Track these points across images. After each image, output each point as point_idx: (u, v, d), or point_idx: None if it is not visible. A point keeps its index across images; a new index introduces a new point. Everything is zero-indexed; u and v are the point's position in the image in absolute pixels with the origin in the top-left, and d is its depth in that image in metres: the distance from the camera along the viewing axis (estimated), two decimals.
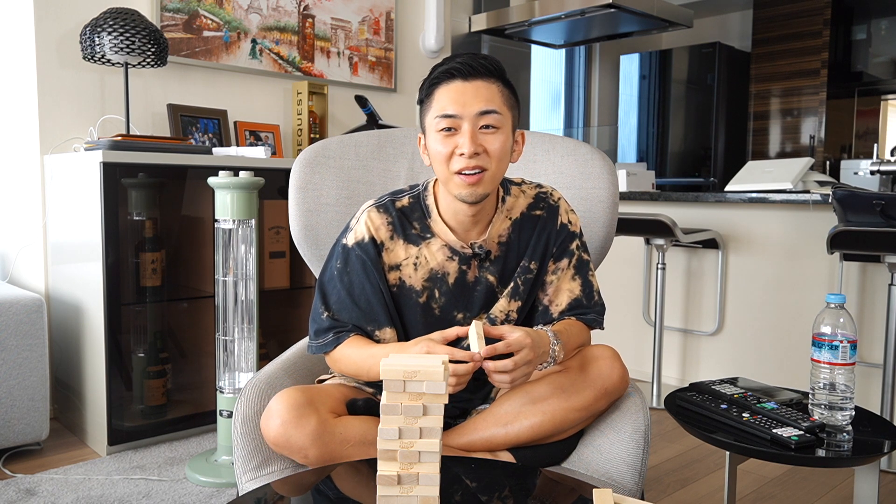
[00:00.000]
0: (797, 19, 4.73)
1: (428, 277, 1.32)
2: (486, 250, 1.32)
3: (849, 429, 1.38)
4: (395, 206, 1.33)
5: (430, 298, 1.32)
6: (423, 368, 0.91)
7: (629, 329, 3.38)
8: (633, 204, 3.27)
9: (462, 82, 1.21)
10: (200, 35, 2.89)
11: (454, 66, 1.22)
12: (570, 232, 1.37)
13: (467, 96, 1.21)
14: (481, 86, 1.21)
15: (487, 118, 1.21)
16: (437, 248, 1.32)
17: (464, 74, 1.21)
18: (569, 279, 1.36)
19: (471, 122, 1.21)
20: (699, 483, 2.17)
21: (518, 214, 1.36)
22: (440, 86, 1.23)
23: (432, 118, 1.24)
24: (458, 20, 4.02)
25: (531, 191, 1.39)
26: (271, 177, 2.60)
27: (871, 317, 2.65)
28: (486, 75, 1.22)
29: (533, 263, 1.35)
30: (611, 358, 1.28)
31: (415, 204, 1.34)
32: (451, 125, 1.21)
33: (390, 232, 1.31)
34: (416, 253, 1.31)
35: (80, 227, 2.34)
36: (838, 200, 2.20)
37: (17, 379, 2.19)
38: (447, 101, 1.21)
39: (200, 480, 2.07)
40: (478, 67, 1.21)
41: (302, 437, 1.16)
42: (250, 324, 2.17)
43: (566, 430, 1.27)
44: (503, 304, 1.34)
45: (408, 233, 1.32)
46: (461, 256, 1.32)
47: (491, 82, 1.22)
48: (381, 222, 1.31)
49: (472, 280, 1.33)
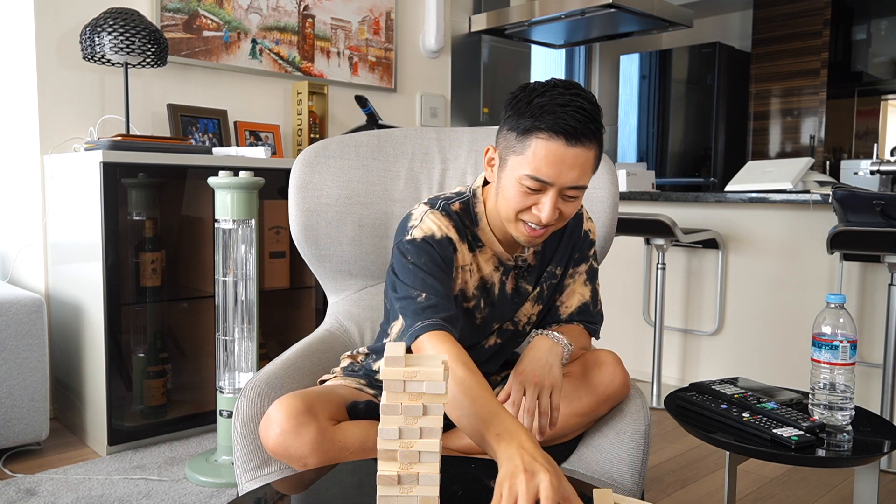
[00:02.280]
0: (797, 19, 4.73)
1: (478, 286, 1.30)
2: (527, 263, 1.33)
3: (849, 429, 1.38)
4: (452, 209, 1.27)
5: (475, 308, 1.30)
6: (423, 368, 0.91)
7: (629, 329, 3.38)
8: (633, 204, 3.27)
9: (564, 146, 1.12)
10: (200, 35, 2.89)
11: (562, 126, 1.11)
12: (590, 240, 1.40)
13: (565, 165, 1.13)
14: (580, 155, 1.13)
15: (574, 190, 1.17)
16: (488, 257, 1.30)
17: (568, 136, 1.12)
18: (581, 284, 1.38)
19: (557, 190, 1.15)
20: (699, 483, 2.16)
21: None
22: (540, 137, 1.13)
23: (521, 167, 1.15)
24: (458, 20, 4.02)
25: None
26: (271, 177, 2.60)
27: (871, 317, 2.65)
28: (588, 141, 1.14)
29: (559, 269, 1.36)
30: (613, 364, 1.29)
31: (465, 210, 1.29)
32: (538, 187, 1.16)
33: (457, 234, 1.26)
34: (471, 259, 1.29)
35: (80, 227, 2.34)
36: (838, 200, 2.20)
37: (17, 379, 2.19)
38: (543, 163, 1.13)
39: (200, 480, 2.07)
40: (584, 133, 1.12)
41: (301, 446, 1.15)
42: (250, 324, 2.17)
43: (567, 434, 1.28)
44: (528, 307, 1.35)
45: (468, 238, 1.28)
46: (505, 268, 1.31)
47: (589, 149, 1.14)
48: (448, 223, 1.25)
49: (510, 291, 1.33)
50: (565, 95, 1.14)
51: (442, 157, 1.74)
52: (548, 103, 1.13)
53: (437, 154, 1.75)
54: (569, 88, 1.15)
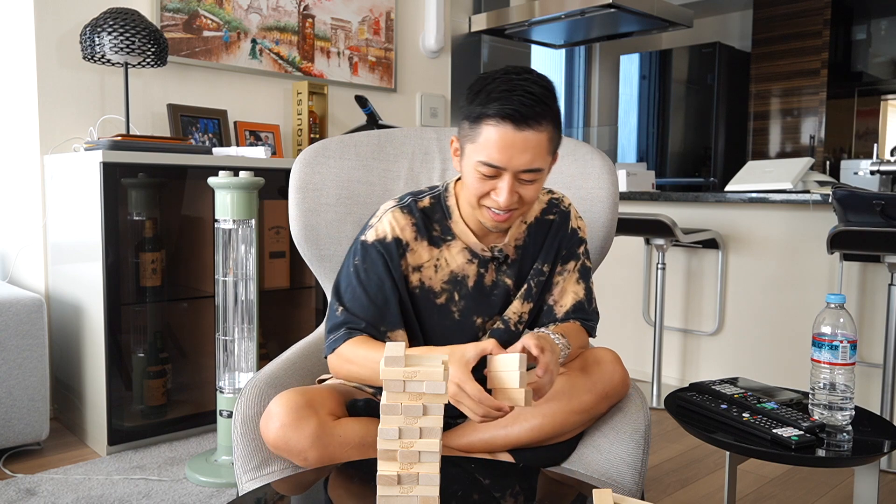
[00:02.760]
0: (797, 19, 4.73)
1: (448, 280, 1.31)
2: (504, 254, 1.33)
3: (849, 429, 1.38)
4: (418, 206, 1.32)
5: (449, 301, 1.31)
6: (423, 368, 0.91)
7: (629, 329, 3.38)
8: (633, 204, 3.27)
9: (513, 131, 1.14)
10: (200, 35, 2.89)
11: (508, 111, 1.14)
12: (579, 237, 1.40)
13: (515, 149, 1.15)
14: (530, 138, 1.15)
15: (529, 174, 1.19)
16: (458, 250, 1.31)
17: (515, 121, 1.14)
18: (573, 282, 1.38)
19: (512, 174, 1.18)
20: (699, 483, 2.17)
21: (532, 219, 1.37)
22: (489, 124, 1.16)
23: (475, 154, 1.19)
24: (458, 20, 4.02)
25: (544, 196, 1.40)
26: (271, 177, 2.60)
27: (871, 317, 2.65)
28: (539, 122, 1.16)
29: (546, 266, 1.36)
30: (612, 362, 1.29)
31: (436, 205, 1.33)
32: (493, 173, 1.18)
33: (414, 233, 1.30)
34: (437, 255, 1.31)
35: (80, 227, 2.34)
36: (838, 200, 2.20)
37: (17, 379, 2.19)
38: (494, 149, 1.16)
39: (200, 480, 2.07)
40: (531, 116, 1.14)
41: (301, 439, 1.16)
42: (250, 324, 2.17)
43: (566, 432, 1.28)
44: (517, 305, 1.35)
45: (431, 234, 1.31)
46: (480, 259, 1.32)
47: (541, 130, 1.16)
48: (405, 223, 1.29)
49: (489, 284, 1.33)
50: (514, 81, 1.16)
51: (442, 157, 1.74)
52: (496, 90, 1.16)
53: (437, 154, 1.75)
54: (519, 74, 1.18)
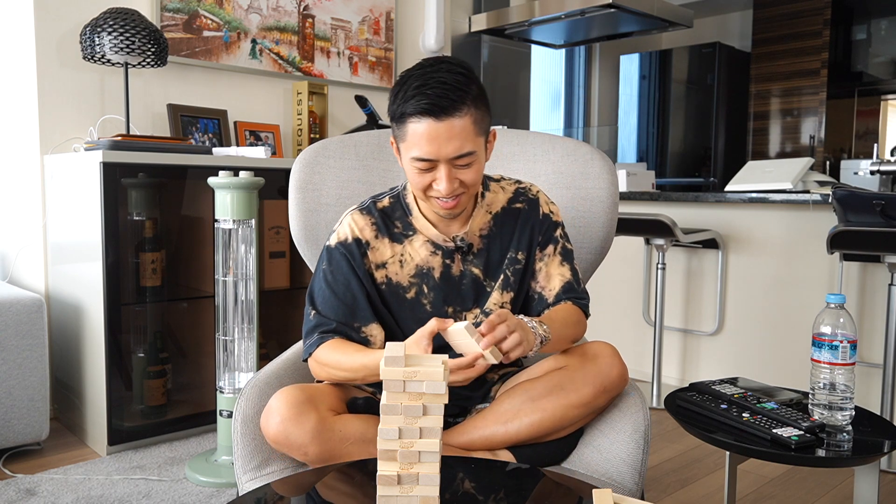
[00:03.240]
0: (797, 19, 4.73)
1: (414, 273, 1.34)
2: (467, 243, 1.34)
3: (849, 429, 1.38)
4: (377, 206, 1.36)
5: (419, 294, 1.34)
6: (423, 368, 0.91)
7: (629, 329, 3.38)
8: (633, 204, 3.27)
9: (434, 123, 1.17)
10: (200, 35, 2.89)
11: (424, 106, 1.17)
12: (553, 221, 1.40)
13: (441, 139, 1.18)
14: (454, 125, 1.18)
15: (462, 159, 1.21)
16: (420, 243, 1.34)
17: (433, 114, 1.17)
18: (557, 265, 1.38)
19: (446, 163, 1.21)
20: (699, 483, 2.17)
21: (499, 209, 1.38)
22: (411, 121, 1.19)
23: (407, 151, 1.22)
24: (458, 20, 4.02)
25: (510, 186, 1.41)
26: (271, 177, 2.60)
27: (871, 317, 2.65)
28: (458, 109, 1.18)
29: (520, 254, 1.37)
30: (610, 355, 1.28)
31: (395, 203, 1.37)
32: (428, 166, 1.22)
33: (375, 231, 1.34)
34: (400, 250, 1.34)
35: (80, 227, 2.34)
36: (838, 200, 2.20)
37: (17, 379, 2.19)
38: (421, 143, 1.19)
39: (200, 480, 2.07)
40: (447, 106, 1.17)
41: (301, 434, 1.16)
42: (250, 324, 2.17)
43: (566, 427, 1.28)
44: (496, 296, 1.35)
45: (392, 232, 1.35)
46: (444, 250, 1.34)
47: (463, 115, 1.18)
48: (364, 223, 1.34)
49: (457, 274, 1.35)
50: (427, 74, 1.19)
51: None
52: (411, 87, 1.19)
53: None
54: (433, 65, 1.21)
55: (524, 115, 4.72)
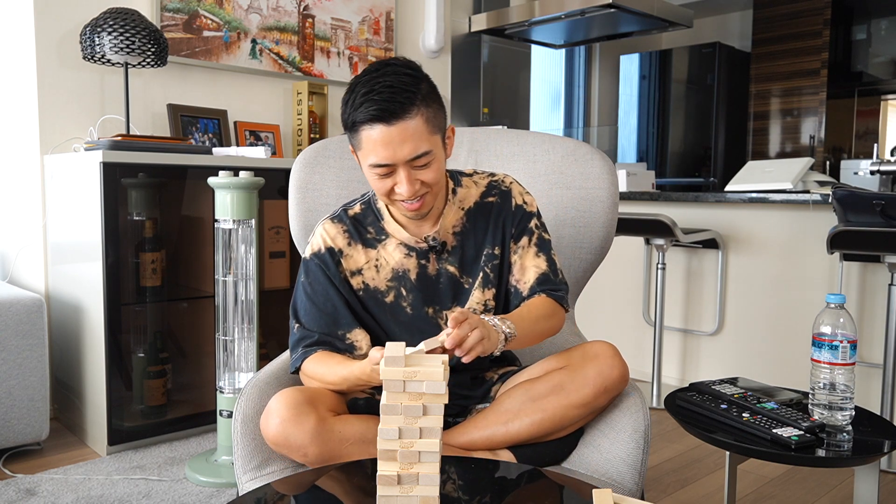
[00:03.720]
0: (797, 19, 4.73)
1: (391, 277, 1.34)
2: (440, 242, 1.34)
3: (849, 429, 1.38)
4: (348, 214, 1.37)
5: (397, 297, 1.34)
6: (423, 368, 0.91)
7: (629, 329, 3.38)
8: (633, 204, 3.27)
9: (386, 128, 1.17)
10: (200, 35, 2.89)
11: (373, 113, 1.16)
12: (526, 212, 1.38)
13: (394, 143, 1.18)
14: (406, 128, 1.17)
15: (420, 159, 1.21)
16: (393, 247, 1.34)
17: (385, 119, 1.17)
18: (532, 256, 1.37)
19: (404, 166, 1.20)
20: (699, 483, 2.17)
21: (472, 204, 1.37)
22: (363, 129, 1.19)
23: (365, 159, 1.22)
24: (458, 20, 4.02)
25: (483, 180, 1.40)
26: (271, 177, 2.60)
27: (871, 317, 2.65)
28: (408, 111, 1.17)
29: (496, 249, 1.36)
30: (611, 356, 1.28)
31: (367, 209, 1.37)
32: (386, 171, 1.21)
33: (347, 239, 1.34)
34: (375, 255, 1.34)
35: (80, 227, 2.34)
36: (838, 200, 2.20)
37: (17, 379, 2.19)
38: (376, 149, 1.19)
39: (200, 480, 2.07)
40: (396, 111, 1.16)
41: (301, 435, 1.16)
42: (250, 324, 2.17)
43: (566, 427, 1.27)
44: (478, 295, 1.35)
45: (364, 238, 1.35)
46: (418, 252, 1.34)
47: (413, 116, 1.18)
48: (336, 231, 1.35)
49: (433, 273, 1.34)
50: (374, 79, 1.19)
51: None
52: (359, 94, 1.19)
53: None
54: (379, 69, 1.20)
55: (524, 115, 4.72)
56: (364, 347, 1.32)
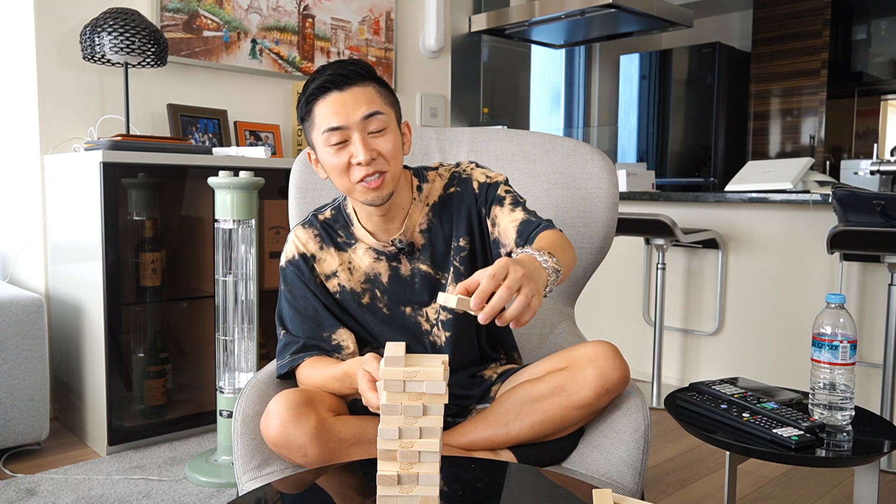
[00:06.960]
0: (797, 19, 4.73)
1: (364, 280, 1.35)
2: (407, 243, 1.34)
3: (849, 429, 1.38)
4: (319, 219, 1.38)
5: (373, 299, 1.35)
6: (423, 368, 0.91)
7: (629, 329, 3.38)
8: (633, 204, 3.27)
9: (338, 93, 1.22)
10: (200, 35, 2.89)
11: (327, 79, 1.22)
12: (490, 184, 1.35)
13: (347, 105, 1.21)
14: (358, 91, 1.22)
15: (373, 121, 1.22)
16: (363, 252, 1.35)
17: (338, 85, 1.21)
18: (507, 213, 1.32)
19: (359, 129, 1.22)
20: (699, 483, 2.17)
21: (436, 199, 1.37)
22: (318, 101, 1.23)
23: (319, 134, 1.24)
24: (458, 20, 4.02)
25: (447, 172, 1.40)
26: (271, 177, 2.60)
27: (871, 317, 2.65)
28: (360, 80, 1.23)
29: (463, 240, 1.34)
30: (612, 357, 1.27)
31: (337, 214, 1.39)
32: (341, 138, 1.22)
33: (319, 243, 1.36)
34: (347, 258, 1.36)
35: (80, 227, 2.34)
36: (838, 200, 2.20)
37: (17, 379, 2.19)
38: (330, 113, 1.22)
39: (200, 480, 2.07)
40: (349, 75, 1.22)
41: (301, 435, 1.16)
42: (250, 324, 2.17)
43: (567, 428, 1.27)
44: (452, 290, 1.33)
45: (336, 241, 1.37)
46: (387, 255, 1.35)
47: (365, 85, 1.23)
48: (307, 237, 1.36)
49: (407, 275, 1.35)
50: (326, 68, 1.25)
51: (442, 157, 1.74)
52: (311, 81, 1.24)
53: (437, 154, 1.75)
54: (332, 64, 1.26)
55: (524, 115, 4.72)
56: (351, 346, 1.34)
